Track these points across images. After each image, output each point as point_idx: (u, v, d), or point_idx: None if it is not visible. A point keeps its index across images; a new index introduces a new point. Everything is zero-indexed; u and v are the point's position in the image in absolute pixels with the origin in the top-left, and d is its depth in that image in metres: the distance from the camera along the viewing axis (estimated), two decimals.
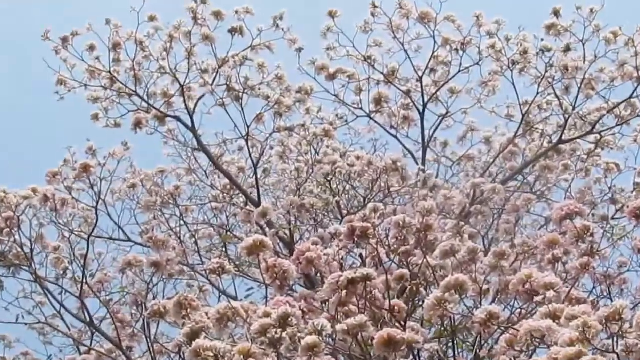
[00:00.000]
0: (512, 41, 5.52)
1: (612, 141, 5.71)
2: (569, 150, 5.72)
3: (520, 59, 5.50)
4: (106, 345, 4.66)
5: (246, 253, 3.12)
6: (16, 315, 5.06)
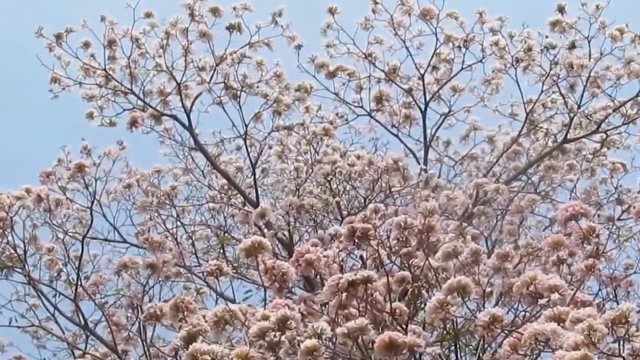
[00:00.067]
0: (516, 38, 5.51)
1: (618, 140, 5.69)
2: (574, 150, 5.70)
3: (524, 56, 5.49)
4: (101, 349, 4.66)
5: (244, 254, 3.14)
6: (9, 318, 5.03)
